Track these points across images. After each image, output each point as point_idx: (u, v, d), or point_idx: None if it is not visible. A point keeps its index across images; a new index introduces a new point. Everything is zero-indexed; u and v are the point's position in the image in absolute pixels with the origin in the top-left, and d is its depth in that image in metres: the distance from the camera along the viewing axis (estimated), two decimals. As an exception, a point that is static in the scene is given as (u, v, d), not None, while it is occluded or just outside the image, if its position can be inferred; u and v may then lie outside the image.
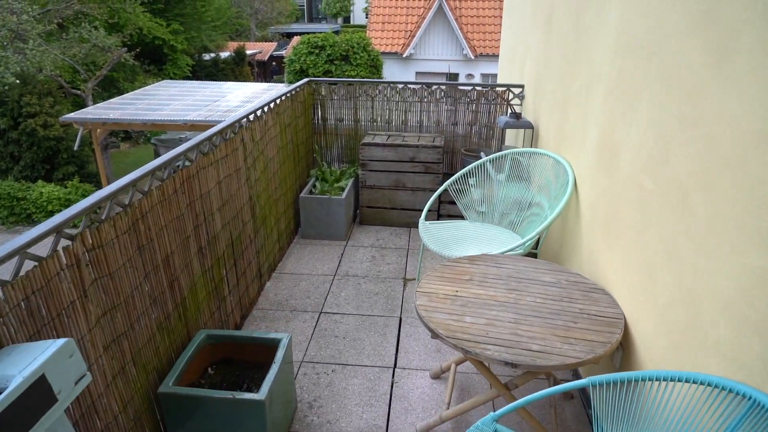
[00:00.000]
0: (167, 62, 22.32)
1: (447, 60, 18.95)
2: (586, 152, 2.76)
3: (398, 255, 4.11)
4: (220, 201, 2.78)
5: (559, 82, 3.35)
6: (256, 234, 3.42)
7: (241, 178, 3.10)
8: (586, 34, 2.83)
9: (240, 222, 3.10)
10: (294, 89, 4.26)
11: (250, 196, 3.27)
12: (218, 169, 2.75)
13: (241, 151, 3.08)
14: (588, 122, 2.73)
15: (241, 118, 3.07)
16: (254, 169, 3.32)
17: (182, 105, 12.73)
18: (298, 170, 4.42)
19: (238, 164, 3.03)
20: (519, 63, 4.91)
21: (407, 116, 4.81)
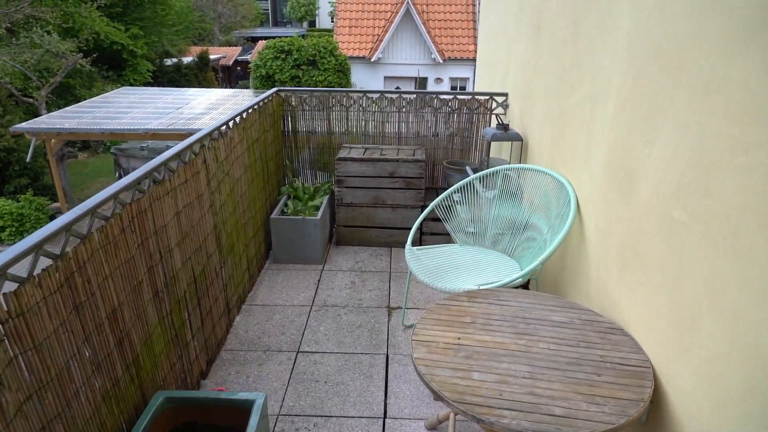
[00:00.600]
0: (127, 68, 21.49)
1: (415, 64, 18.78)
2: (591, 171, 2.50)
3: (380, 279, 3.79)
4: (179, 234, 2.41)
5: (553, 93, 3.09)
6: (223, 265, 3.04)
7: (204, 205, 2.73)
8: (588, 40, 2.57)
9: (204, 255, 2.73)
10: (262, 100, 3.90)
11: (215, 225, 2.90)
12: (177, 198, 2.37)
13: (204, 175, 2.71)
14: (593, 138, 2.47)
15: (203, 137, 2.70)
16: (219, 193, 2.95)
17: (143, 113, 12.16)
18: (268, 189, 4.06)
19: (200, 189, 2.66)
20: (501, 70, 4.66)
21: (385, 127, 4.50)
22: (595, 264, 2.44)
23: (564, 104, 2.90)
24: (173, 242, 2.34)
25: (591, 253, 2.48)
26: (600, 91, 2.40)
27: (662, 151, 1.85)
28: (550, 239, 2.71)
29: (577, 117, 2.69)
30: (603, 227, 2.35)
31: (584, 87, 2.60)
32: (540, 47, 3.40)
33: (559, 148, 2.97)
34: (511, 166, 3.15)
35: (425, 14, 18.86)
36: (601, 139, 2.37)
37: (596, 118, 2.44)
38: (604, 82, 2.36)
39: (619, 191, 2.18)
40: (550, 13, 3.20)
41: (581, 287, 2.59)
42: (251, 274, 3.64)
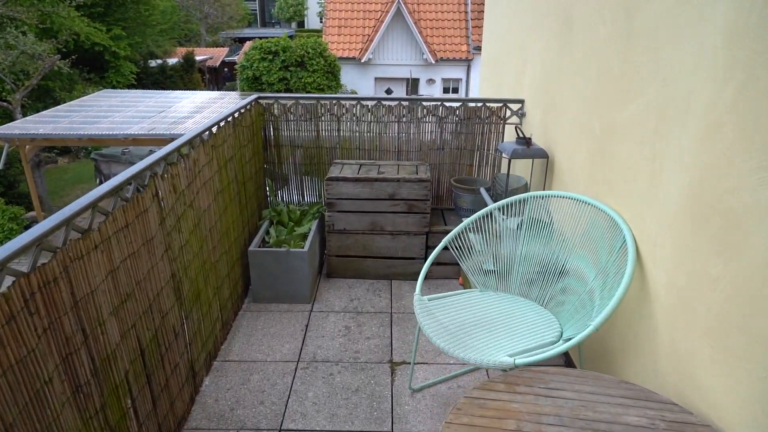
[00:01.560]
0: (109, 70, 20.73)
1: (407, 65, 18.21)
2: (660, 208, 1.91)
3: (379, 323, 3.19)
4: (116, 298, 1.80)
5: (592, 102, 2.50)
6: (186, 319, 2.43)
7: (157, 251, 2.11)
8: (650, 37, 1.98)
9: (157, 314, 2.12)
10: (237, 111, 3.28)
11: (174, 273, 2.28)
12: (111, 251, 1.76)
13: (155, 212, 2.10)
14: (663, 165, 1.88)
15: (154, 164, 2.09)
16: (178, 232, 2.33)
17: (123, 117, 11.53)
18: (246, 215, 3.44)
19: (149, 232, 2.04)
20: (513, 73, 4.07)
21: (382, 139, 3.90)
22: (668, 334, 1.85)
23: (610, 117, 2.32)
24: (106, 312, 1.73)
25: (661, 317, 1.90)
26: (673, 103, 1.82)
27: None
28: (599, 291, 2.13)
29: (634, 134, 2.10)
30: (683, 286, 1.77)
31: (645, 97, 2.02)
32: (570, 46, 2.81)
33: (602, 172, 2.39)
34: (544, 194, 2.56)
35: (416, 14, 18.30)
36: (678, 167, 1.79)
37: (668, 139, 1.85)
38: (680, 92, 1.78)
39: (714, 243, 1.60)
40: (586, 5, 2.62)
41: (645, 362, 2.00)
42: (225, 321, 3.03)
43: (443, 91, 18.77)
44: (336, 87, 16.37)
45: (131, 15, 21.73)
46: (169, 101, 13.40)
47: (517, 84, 3.91)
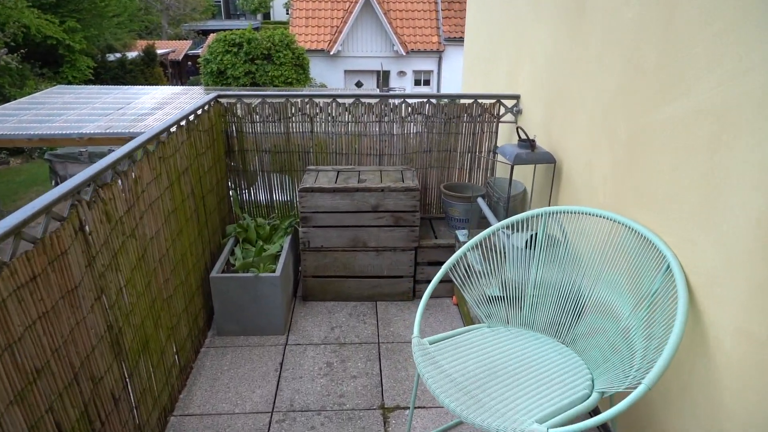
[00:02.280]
0: (64, 64, 19.65)
1: (377, 57, 17.73)
2: (724, 235, 1.53)
3: (366, 356, 2.76)
4: (19, 380, 1.32)
5: (615, 100, 2.11)
6: (130, 377, 1.96)
7: (84, 302, 1.63)
8: (702, 26, 1.59)
9: (86, 384, 1.64)
10: (193, 112, 2.79)
11: (111, 323, 1.81)
12: (8, 318, 1.28)
13: (80, 252, 1.62)
14: (727, 181, 1.50)
15: (76, 188, 1.61)
16: (115, 271, 1.85)
17: (78, 115, 10.80)
18: (206, 234, 2.96)
19: (71, 281, 1.57)
20: (505, 64, 3.67)
21: (362, 141, 3.46)
22: (736, 395, 1.48)
23: (642, 119, 1.93)
24: (1, 405, 1.25)
25: (725, 373, 1.52)
26: (741, 103, 1.43)
27: None
28: (638, 332, 1.74)
29: (678, 142, 1.71)
30: (764, 339, 1.39)
31: (693, 96, 1.63)
32: (583, 34, 2.41)
33: (631, 185, 2.00)
34: (561, 209, 2.15)
35: (386, 4, 17.83)
36: (750, 185, 1.41)
37: (732, 149, 1.47)
38: (744, 91, 1.39)
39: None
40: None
41: (699, 425, 1.62)
42: (184, 365, 2.55)
43: (414, 83, 18.40)
44: (305, 81, 15.79)
45: (86, 6, 20.66)
46: (128, 97, 12.66)
47: (511, 78, 3.51)
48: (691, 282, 1.67)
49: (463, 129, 3.41)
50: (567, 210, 2.12)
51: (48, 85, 17.14)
